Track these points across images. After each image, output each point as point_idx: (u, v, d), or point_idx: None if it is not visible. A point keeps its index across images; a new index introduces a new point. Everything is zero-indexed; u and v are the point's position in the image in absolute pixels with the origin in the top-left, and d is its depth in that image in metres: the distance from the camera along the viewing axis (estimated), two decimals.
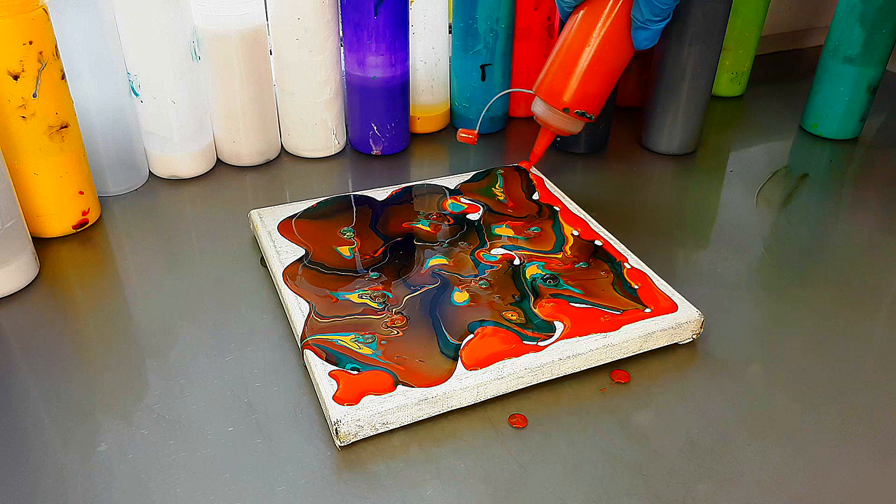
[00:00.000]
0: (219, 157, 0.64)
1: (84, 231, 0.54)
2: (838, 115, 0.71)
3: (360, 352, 0.41)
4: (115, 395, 0.41)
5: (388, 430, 0.38)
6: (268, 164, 0.65)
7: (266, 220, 0.52)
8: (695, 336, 0.45)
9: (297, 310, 0.44)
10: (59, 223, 0.53)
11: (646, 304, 0.45)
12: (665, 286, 0.47)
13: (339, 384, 0.38)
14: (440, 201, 0.56)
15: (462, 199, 0.56)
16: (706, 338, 0.46)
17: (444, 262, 0.49)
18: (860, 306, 0.49)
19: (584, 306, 0.45)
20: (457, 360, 0.40)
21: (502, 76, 0.69)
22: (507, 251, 0.50)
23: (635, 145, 0.70)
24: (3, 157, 0.46)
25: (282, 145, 0.67)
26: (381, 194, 0.57)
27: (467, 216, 0.54)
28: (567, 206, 0.55)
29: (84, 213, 0.54)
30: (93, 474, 0.36)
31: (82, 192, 0.53)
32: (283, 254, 0.49)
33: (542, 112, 0.57)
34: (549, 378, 0.41)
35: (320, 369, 0.39)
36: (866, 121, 0.72)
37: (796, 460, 0.38)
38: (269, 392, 0.41)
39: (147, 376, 0.42)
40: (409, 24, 0.62)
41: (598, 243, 0.51)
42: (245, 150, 0.63)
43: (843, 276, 0.53)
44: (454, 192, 0.57)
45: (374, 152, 0.66)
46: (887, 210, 0.61)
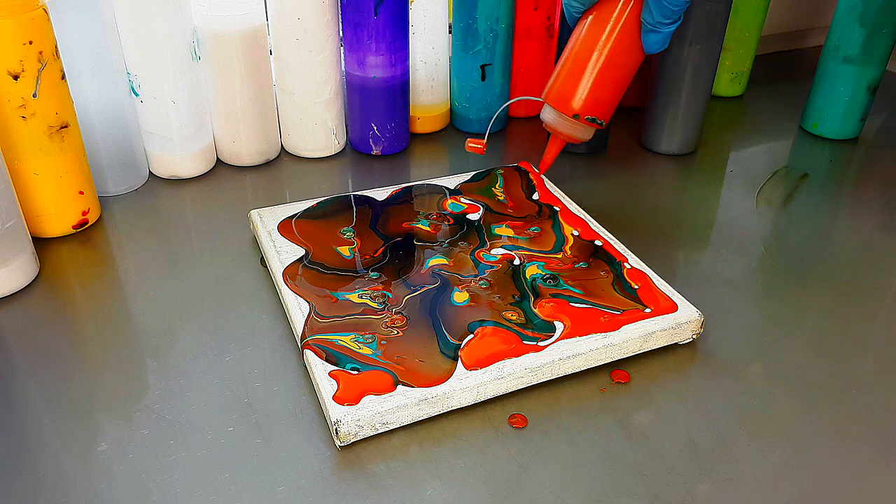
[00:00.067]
0: (219, 157, 0.64)
1: (84, 231, 0.54)
2: (838, 115, 0.71)
3: (360, 352, 0.41)
4: (115, 395, 0.41)
5: (388, 430, 0.38)
6: (268, 164, 0.65)
7: (266, 220, 0.52)
8: (695, 336, 0.45)
9: (297, 310, 0.44)
10: (59, 223, 0.53)
11: (646, 304, 0.45)
12: (665, 286, 0.47)
13: (339, 384, 0.38)
14: (440, 201, 0.56)
15: (462, 199, 0.56)
16: (706, 338, 0.46)
17: (444, 262, 0.49)
18: (860, 306, 0.49)
19: (584, 306, 0.45)
20: (457, 360, 0.40)
21: (502, 76, 0.69)
22: (507, 251, 0.50)
23: (635, 145, 0.70)
24: (3, 157, 0.46)
25: (282, 145, 0.67)
26: (381, 194, 0.57)
27: (467, 216, 0.54)
28: (567, 206, 0.55)
29: (84, 213, 0.54)
30: (93, 474, 0.36)
31: (82, 192, 0.53)
32: (283, 254, 0.49)
33: (552, 119, 0.56)
34: (549, 378, 0.41)
35: (320, 369, 0.39)
36: (866, 121, 0.72)
37: (796, 460, 0.38)
38: (269, 392, 0.41)
39: (147, 376, 0.42)
40: (409, 24, 0.62)
41: (598, 243, 0.51)
42: (245, 150, 0.63)
43: (843, 276, 0.53)
44: (454, 192, 0.57)
45: (374, 152, 0.66)
46: (887, 210, 0.61)
